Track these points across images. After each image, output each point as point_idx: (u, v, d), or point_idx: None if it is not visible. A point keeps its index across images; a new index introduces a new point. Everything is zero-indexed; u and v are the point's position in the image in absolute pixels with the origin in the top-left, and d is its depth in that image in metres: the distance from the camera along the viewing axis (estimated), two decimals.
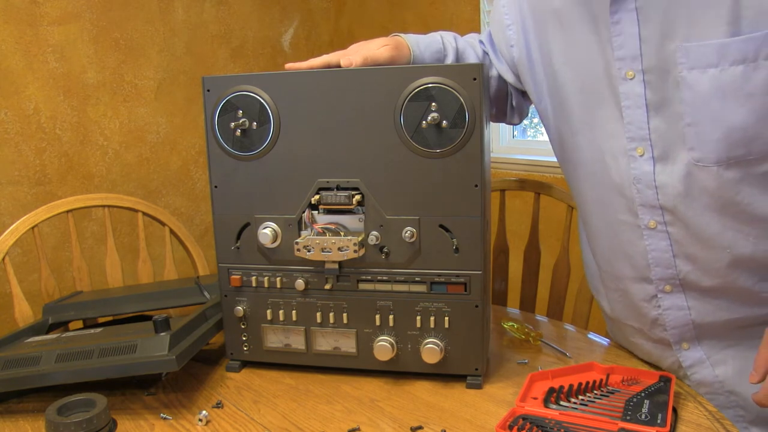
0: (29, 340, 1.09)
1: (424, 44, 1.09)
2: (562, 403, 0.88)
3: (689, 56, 0.81)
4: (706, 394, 0.98)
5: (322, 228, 0.98)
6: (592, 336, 1.17)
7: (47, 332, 1.17)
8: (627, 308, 1.02)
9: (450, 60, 1.11)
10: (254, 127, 0.98)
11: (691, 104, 0.83)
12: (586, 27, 0.93)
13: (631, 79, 0.88)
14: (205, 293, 1.19)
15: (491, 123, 1.10)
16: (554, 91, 1.01)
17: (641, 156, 0.89)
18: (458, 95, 0.91)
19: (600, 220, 1.00)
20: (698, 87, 0.81)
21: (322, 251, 0.96)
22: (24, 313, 1.32)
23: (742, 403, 0.96)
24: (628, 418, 0.82)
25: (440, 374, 1.00)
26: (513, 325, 1.14)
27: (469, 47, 1.15)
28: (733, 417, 0.97)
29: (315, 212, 0.99)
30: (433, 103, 0.91)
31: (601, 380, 0.93)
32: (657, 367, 1.02)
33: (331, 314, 1.01)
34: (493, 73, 1.15)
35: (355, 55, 0.98)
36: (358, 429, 0.87)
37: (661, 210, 0.91)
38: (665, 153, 0.88)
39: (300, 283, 1.01)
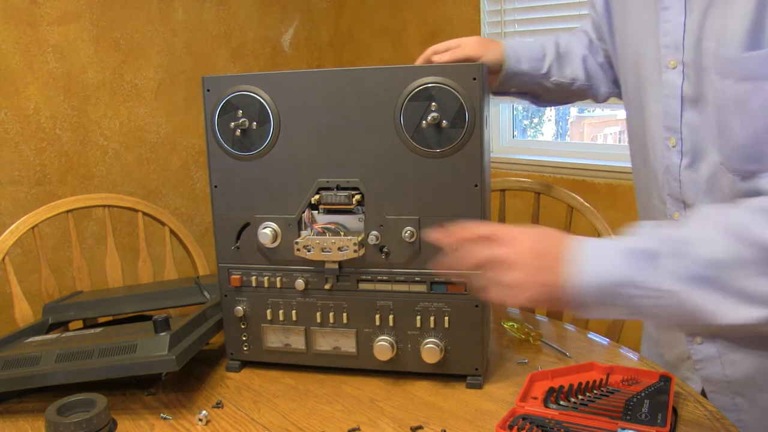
0: (29, 340, 1.09)
1: (521, 46, 1.11)
2: (562, 402, 0.88)
3: (717, 60, 0.78)
4: (710, 393, 0.96)
5: (322, 228, 0.98)
6: (592, 336, 1.17)
7: (47, 332, 1.17)
8: None
9: (549, 62, 1.13)
10: (254, 127, 0.98)
11: (716, 107, 0.80)
12: (648, 4, 0.91)
13: (673, 68, 0.86)
14: (205, 293, 1.19)
15: (491, 123, 1.10)
16: (625, 57, 1.00)
17: (673, 147, 0.88)
18: (458, 95, 0.91)
19: (642, 197, 1.01)
20: (721, 93, 0.79)
21: (322, 251, 0.96)
22: (24, 313, 1.32)
23: (746, 407, 0.94)
24: (628, 417, 0.82)
25: (440, 374, 1.00)
26: (513, 325, 1.14)
27: (574, 40, 1.15)
28: (734, 422, 0.92)
29: (315, 212, 0.99)
30: (433, 103, 0.91)
31: (601, 380, 0.93)
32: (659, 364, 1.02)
33: (331, 314, 1.01)
34: (600, 58, 1.15)
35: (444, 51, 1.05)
36: (358, 429, 0.87)
37: (683, 204, 0.90)
38: (694, 149, 0.86)
39: (300, 283, 1.01)
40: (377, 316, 0.99)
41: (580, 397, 0.89)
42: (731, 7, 0.75)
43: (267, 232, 0.99)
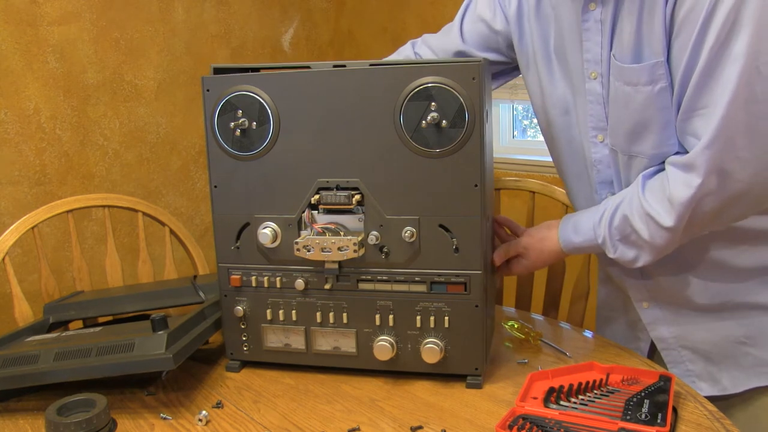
0: (29, 339, 1.09)
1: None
2: (562, 402, 0.88)
3: (613, 67, 0.97)
4: (662, 350, 1.11)
5: (321, 228, 0.98)
6: (591, 335, 1.17)
7: (48, 332, 1.17)
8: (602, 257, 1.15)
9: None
10: (254, 127, 0.98)
11: (610, 103, 1.00)
12: (573, 25, 1.02)
13: (594, 79, 1.02)
14: (201, 293, 1.19)
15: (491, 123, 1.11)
16: (548, 67, 1.09)
17: (601, 142, 1.04)
18: (458, 95, 0.91)
19: (578, 191, 1.13)
20: (614, 92, 0.98)
21: (322, 251, 0.96)
22: (24, 313, 1.32)
23: (691, 357, 1.09)
24: (628, 417, 0.82)
25: (440, 374, 1.00)
26: (513, 325, 1.15)
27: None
28: (683, 372, 1.10)
29: (315, 212, 0.99)
30: (433, 103, 0.91)
31: (601, 380, 0.93)
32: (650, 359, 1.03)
33: (331, 314, 1.01)
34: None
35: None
36: (358, 429, 0.87)
37: (611, 184, 1.07)
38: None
39: (300, 283, 1.01)
40: (377, 316, 0.99)
41: (580, 397, 0.89)
42: (625, 30, 0.95)
43: (267, 232, 0.99)
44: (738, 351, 1.05)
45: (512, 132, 2.60)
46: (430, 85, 0.91)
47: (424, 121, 0.92)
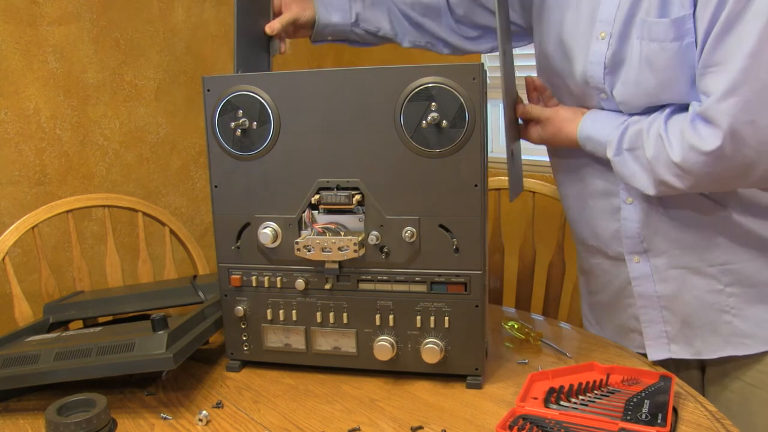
0: (29, 339, 1.09)
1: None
2: (562, 403, 0.88)
3: (640, 26, 0.96)
4: (641, 308, 1.10)
5: (322, 228, 0.98)
6: (591, 334, 1.17)
7: (48, 332, 1.17)
8: (590, 227, 1.15)
9: (355, 11, 1.26)
10: (254, 127, 0.98)
11: (636, 65, 0.98)
12: None
13: (602, 39, 1.01)
14: (200, 293, 1.19)
15: (491, 123, 1.12)
16: (559, 29, 1.09)
17: (606, 99, 1.04)
18: (458, 95, 0.91)
19: (573, 190, 1.16)
20: (638, 52, 0.97)
21: (322, 251, 0.96)
22: (24, 313, 1.32)
23: (670, 319, 1.08)
24: (628, 418, 0.82)
25: (440, 374, 1.00)
26: (513, 325, 1.15)
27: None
28: (658, 333, 1.10)
29: (315, 212, 0.99)
30: (433, 103, 0.91)
31: (601, 380, 0.93)
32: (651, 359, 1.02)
33: (331, 314, 1.01)
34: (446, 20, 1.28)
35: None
36: (358, 429, 0.87)
37: None
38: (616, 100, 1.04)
39: (300, 283, 1.01)
40: (377, 316, 0.99)
41: (580, 397, 0.89)
42: None
43: (267, 232, 0.99)
44: (720, 319, 1.05)
45: None
46: (430, 85, 0.91)
47: (424, 122, 0.92)
